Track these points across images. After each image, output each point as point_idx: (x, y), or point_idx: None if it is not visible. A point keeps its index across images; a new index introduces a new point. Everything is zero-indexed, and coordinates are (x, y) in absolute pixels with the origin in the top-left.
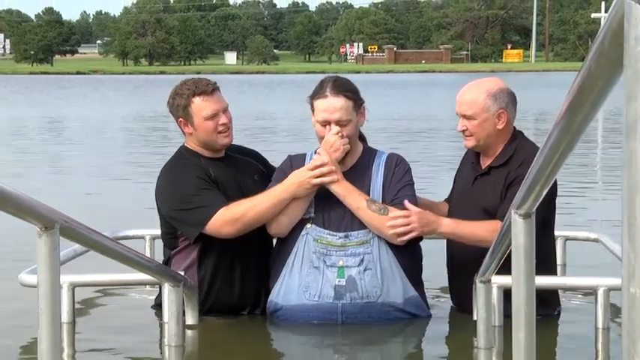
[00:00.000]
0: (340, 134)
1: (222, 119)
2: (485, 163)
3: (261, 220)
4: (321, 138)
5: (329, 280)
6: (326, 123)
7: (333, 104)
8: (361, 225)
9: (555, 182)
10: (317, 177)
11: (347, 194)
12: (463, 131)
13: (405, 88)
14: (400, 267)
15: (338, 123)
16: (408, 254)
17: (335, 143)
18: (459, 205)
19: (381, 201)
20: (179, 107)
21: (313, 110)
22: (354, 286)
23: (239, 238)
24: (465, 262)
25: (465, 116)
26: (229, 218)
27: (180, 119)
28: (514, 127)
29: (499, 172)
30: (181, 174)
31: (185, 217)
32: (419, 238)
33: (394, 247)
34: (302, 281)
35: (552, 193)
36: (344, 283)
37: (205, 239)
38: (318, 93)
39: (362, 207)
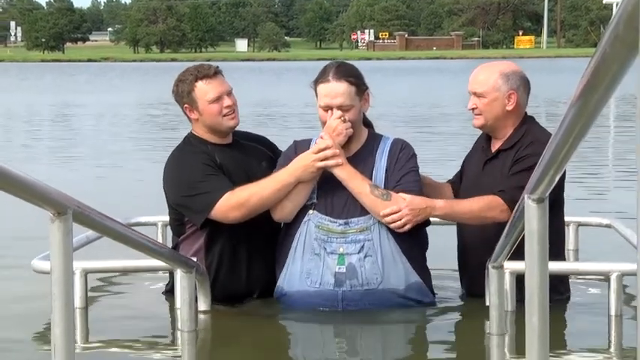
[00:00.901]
0: (342, 118)
1: (227, 102)
2: (495, 146)
3: (266, 204)
4: (323, 123)
5: (329, 267)
6: (328, 108)
7: (335, 89)
8: (362, 212)
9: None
10: (321, 160)
11: (350, 178)
12: (473, 109)
13: (416, 75)
14: (402, 253)
15: (340, 108)
16: (411, 240)
17: (337, 127)
18: (469, 189)
19: (383, 187)
20: (183, 93)
21: (317, 95)
22: (354, 273)
23: (246, 224)
24: (475, 246)
25: (475, 94)
26: (235, 203)
27: (186, 105)
28: (525, 112)
29: (507, 156)
30: (188, 161)
31: (190, 203)
32: (425, 223)
33: (396, 233)
34: (303, 268)
35: (561, 177)
36: (344, 271)
37: (212, 226)
38: (320, 78)
39: (364, 192)
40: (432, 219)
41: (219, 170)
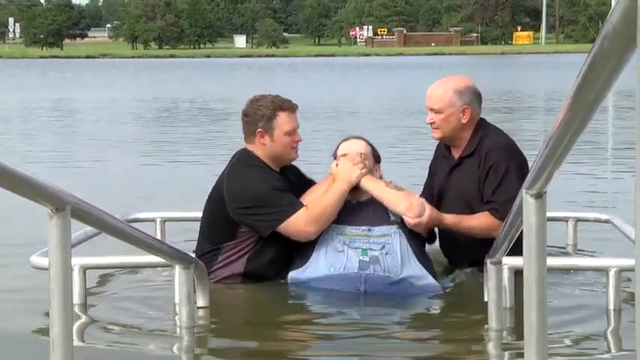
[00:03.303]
0: (359, 154)
1: (298, 137)
2: (457, 154)
3: (333, 217)
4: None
5: (353, 257)
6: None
7: (354, 143)
8: (382, 221)
9: (525, 163)
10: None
11: (369, 181)
12: (431, 123)
13: (415, 71)
14: (415, 255)
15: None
16: (420, 246)
17: (355, 158)
18: (440, 195)
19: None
20: (263, 117)
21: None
22: (377, 261)
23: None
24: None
25: (432, 110)
26: (313, 218)
27: (260, 129)
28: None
29: (470, 161)
30: (259, 175)
31: (262, 213)
32: (432, 238)
33: (411, 239)
34: (327, 263)
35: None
36: (367, 259)
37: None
38: (342, 141)
39: (383, 187)
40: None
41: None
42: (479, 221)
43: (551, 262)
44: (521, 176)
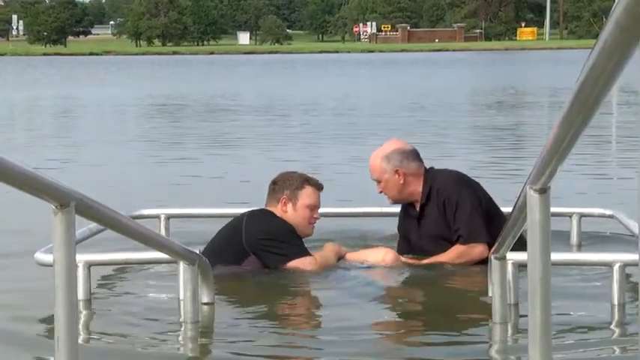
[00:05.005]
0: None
1: (317, 214)
2: (417, 206)
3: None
4: None
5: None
6: None
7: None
8: None
9: (478, 188)
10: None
11: (350, 254)
12: (381, 192)
13: (419, 67)
14: None
15: None
16: None
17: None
18: (419, 247)
19: None
20: (291, 186)
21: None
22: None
23: None
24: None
25: (374, 180)
26: (321, 265)
27: (285, 197)
28: (424, 168)
29: (430, 207)
30: (282, 221)
31: (279, 246)
32: None
33: None
34: None
35: (479, 204)
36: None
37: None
38: None
39: (361, 251)
40: None
41: None
42: (451, 254)
43: (556, 257)
44: (474, 198)
